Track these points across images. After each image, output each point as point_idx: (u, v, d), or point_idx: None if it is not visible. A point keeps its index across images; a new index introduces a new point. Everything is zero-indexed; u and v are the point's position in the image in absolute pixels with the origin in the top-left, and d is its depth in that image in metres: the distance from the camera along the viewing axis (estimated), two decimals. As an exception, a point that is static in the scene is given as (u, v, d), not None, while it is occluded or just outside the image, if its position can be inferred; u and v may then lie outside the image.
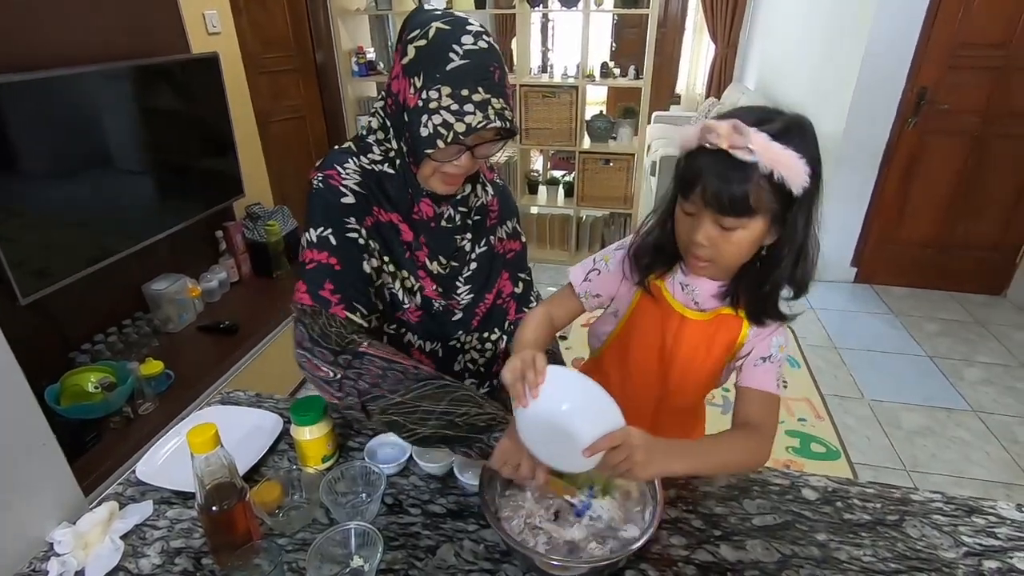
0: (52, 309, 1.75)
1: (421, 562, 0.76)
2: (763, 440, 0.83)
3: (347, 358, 0.79)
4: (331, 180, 0.84)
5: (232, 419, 1.01)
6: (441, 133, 0.76)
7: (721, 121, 0.70)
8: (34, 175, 1.63)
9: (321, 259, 0.82)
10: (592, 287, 0.94)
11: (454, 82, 0.75)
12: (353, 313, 0.83)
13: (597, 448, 0.70)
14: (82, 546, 0.77)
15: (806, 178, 0.69)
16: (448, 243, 0.93)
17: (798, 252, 0.75)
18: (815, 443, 2.18)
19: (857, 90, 2.96)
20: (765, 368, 0.85)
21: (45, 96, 1.62)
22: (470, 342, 1.01)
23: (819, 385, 2.52)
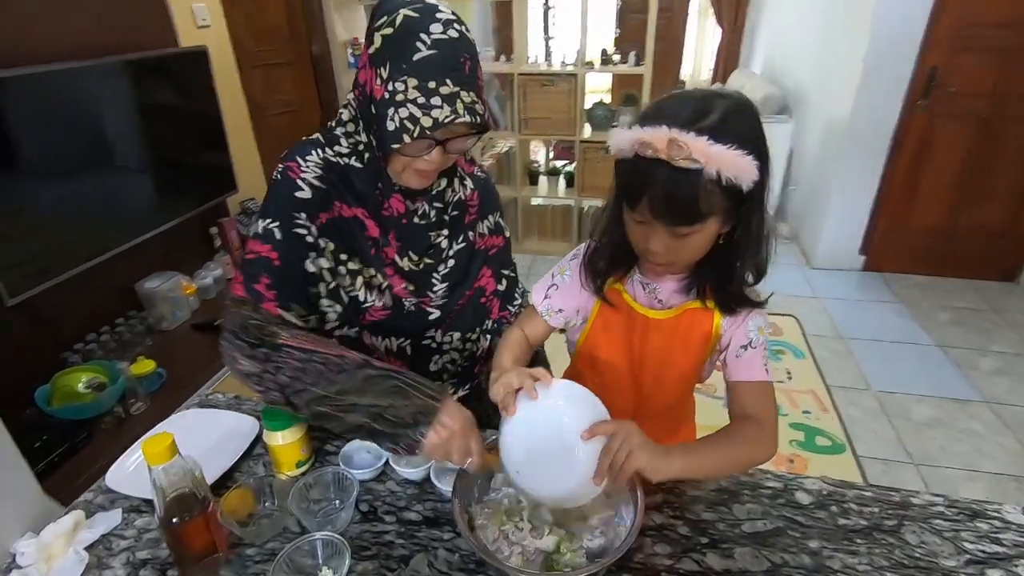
0: (42, 309, 1.74)
1: (393, 573, 0.73)
2: (765, 430, 0.80)
3: (265, 351, 0.75)
4: (289, 172, 0.81)
5: (209, 423, 0.99)
6: (407, 127, 0.73)
7: (656, 132, 0.64)
8: (19, 172, 1.61)
9: (262, 251, 0.79)
10: (553, 303, 0.90)
11: (421, 74, 0.71)
12: (287, 311, 0.80)
13: (597, 432, 0.69)
14: (45, 558, 0.74)
15: (755, 172, 0.65)
16: (421, 240, 0.89)
17: (757, 242, 0.73)
18: (820, 436, 2.13)
19: (864, 71, 2.87)
20: (748, 357, 0.81)
21: (29, 92, 1.59)
22: (449, 342, 0.97)
23: (824, 376, 2.46)
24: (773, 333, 2.75)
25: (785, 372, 2.49)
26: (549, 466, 0.71)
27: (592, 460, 0.69)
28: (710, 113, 0.65)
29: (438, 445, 0.72)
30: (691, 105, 0.66)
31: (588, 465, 0.69)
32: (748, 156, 0.63)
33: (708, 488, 0.84)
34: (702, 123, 0.64)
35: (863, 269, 3.35)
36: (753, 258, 0.75)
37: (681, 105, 0.67)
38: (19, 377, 1.66)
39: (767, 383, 0.81)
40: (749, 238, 0.72)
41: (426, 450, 0.73)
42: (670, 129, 0.63)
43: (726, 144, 0.62)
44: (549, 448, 0.71)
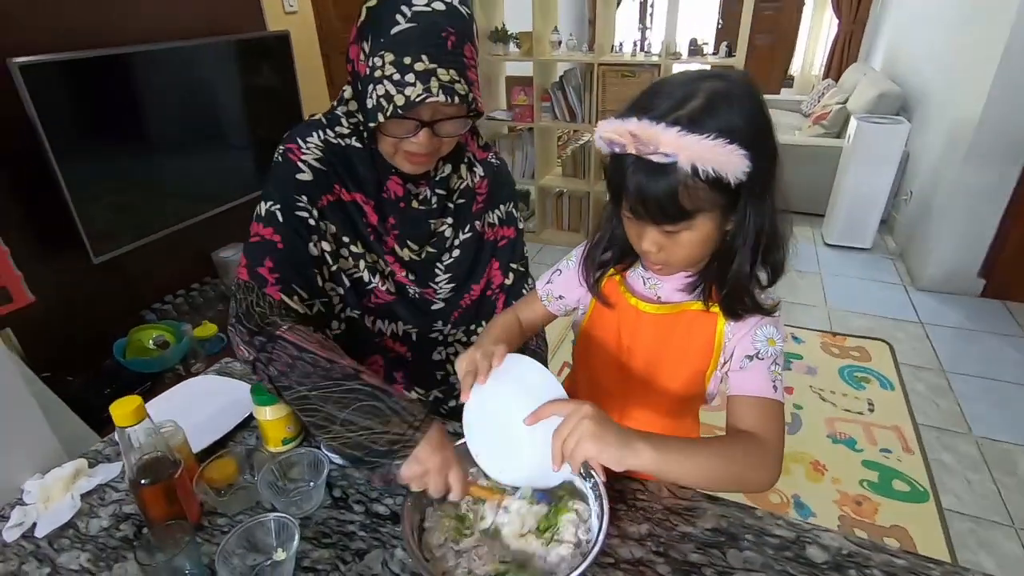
0: (126, 269, 1.91)
1: (346, 565, 0.70)
2: (767, 452, 0.69)
3: (262, 340, 0.73)
4: (290, 154, 0.80)
5: (217, 390, 1.02)
6: (383, 106, 0.69)
7: (618, 124, 0.58)
8: (117, 140, 1.78)
9: (266, 234, 0.78)
10: (554, 288, 0.85)
11: (397, 48, 0.68)
12: (290, 296, 0.78)
13: (541, 415, 0.64)
14: (44, 499, 0.80)
15: (743, 164, 0.56)
16: (420, 226, 0.86)
17: (757, 237, 0.64)
18: (898, 480, 1.88)
19: (1001, 68, 2.47)
20: (753, 368, 0.71)
21: (124, 70, 1.74)
22: (454, 335, 0.93)
23: (914, 413, 2.17)
24: (858, 358, 2.47)
25: (867, 402, 2.22)
26: (503, 451, 0.70)
27: (544, 445, 0.64)
28: (692, 98, 0.57)
29: (414, 479, 0.67)
30: (675, 91, 0.59)
31: (539, 450, 0.65)
32: (731, 145, 0.55)
33: (703, 527, 0.74)
34: (678, 112, 0.57)
35: (981, 295, 2.91)
36: (758, 256, 0.67)
37: (664, 91, 0.60)
38: (104, 329, 1.84)
39: (774, 402, 0.71)
40: (746, 232, 0.64)
41: (404, 480, 0.68)
42: (639, 121, 0.56)
43: (704, 134, 0.54)
44: (500, 433, 0.69)
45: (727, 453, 0.68)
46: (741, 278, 0.67)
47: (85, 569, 0.71)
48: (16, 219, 1.60)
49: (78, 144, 1.65)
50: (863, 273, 3.22)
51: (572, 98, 3.24)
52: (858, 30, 5.08)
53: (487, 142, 0.96)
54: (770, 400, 0.70)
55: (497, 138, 3.61)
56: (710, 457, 0.67)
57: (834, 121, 3.91)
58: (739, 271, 0.67)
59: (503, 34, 3.32)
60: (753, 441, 0.69)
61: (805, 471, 1.91)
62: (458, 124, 0.76)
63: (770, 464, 0.69)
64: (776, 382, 0.71)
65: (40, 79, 1.51)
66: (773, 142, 0.62)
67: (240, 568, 0.68)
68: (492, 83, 3.55)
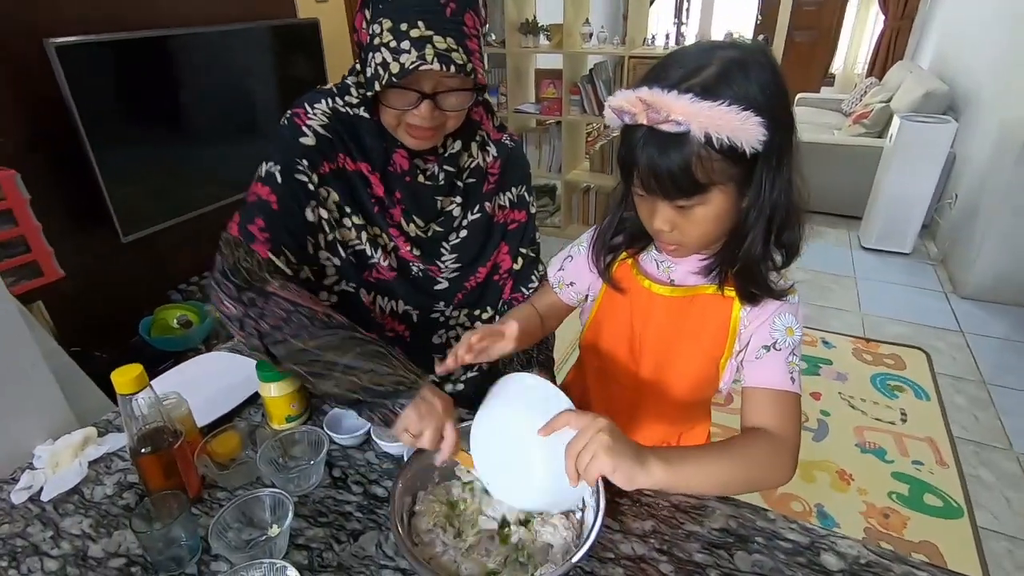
0: (153, 249, 1.96)
1: (340, 545, 0.69)
2: (782, 449, 0.67)
3: (251, 296, 0.72)
4: (296, 118, 0.78)
5: (228, 366, 1.03)
6: (379, 74, 0.68)
7: (629, 93, 0.56)
8: (142, 124, 1.81)
9: (262, 194, 0.77)
10: (566, 275, 0.83)
11: (395, 14, 0.66)
12: (278, 256, 0.76)
13: (555, 426, 0.60)
14: (53, 464, 0.81)
15: (759, 132, 0.53)
16: (426, 202, 0.84)
17: (772, 212, 0.61)
18: (930, 494, 1.79)
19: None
20: (770, 359, 0.69)
21: (157, 53, 1.78)
22: (456, 317, 0.91)
23: (950, 425, 2.06)
24: (892, 366, 2.36)
25: (899, 412, 2.13)
26: (513, 473, 0.66)
27: (556, 462, 0.60)
28: (706, 67, 0.55)
29: (414, 421, 0.66)
30: (688, 60, 0.56)
31: (551, 468, 0.61)
32: (746, 112, 0.52)
33: (712, 526, 0.70)
34: (691, 80, 0.54)
35: (1030, 305, 2.76)
36: (772, 234, 0.64)
37: (676, 62, 0.57)
38: (131, 307, 1.89)
39: (791, 394, 0.68)
40: (761, 207, 0.61)
41: (401, 424, 0.67)
42: (650, 89, 0.54)
43: (718, 101, 0.52)
44: (510, 455, 0.65)
45: (742, 458, 0.66)
46: (754, 255, 0.64)
47: (86, 534, 0.72)
48: (49, 196, 1.65)
49: (110, 124, 1.69)
50: (901, 279, 3.09)
51: (601, 91, 3.19)
52: (905, 27, 4.87)
53: (502, 123, 0.93)
54: (787, 393, 0.68)
55: (524, 131, 3.58)
56: (724, 465, 0.65)
57: (876, 120, 3.76)
58: (751, 247, 0.64)
59: (533, 26, 3.28)
60: (768, 440, 0.67)
61: (830, 480, 1.84)
62: (462, 97, 0.74)
63: (787, 461, 0.66)
64: (794, 373, 0.68)
65: (75, 60, 1.55)
66: (790, 112, 0.59)
67: (235, 542, 0.67)
68: (521, 76, 3.52)
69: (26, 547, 0.70)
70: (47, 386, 0.87)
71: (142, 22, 1.79)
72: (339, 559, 0.68)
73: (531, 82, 3.60)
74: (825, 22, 5.75)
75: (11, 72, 1.55)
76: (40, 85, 1.54)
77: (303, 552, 0.69)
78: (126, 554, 0.69)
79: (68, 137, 1.58)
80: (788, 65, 3.50)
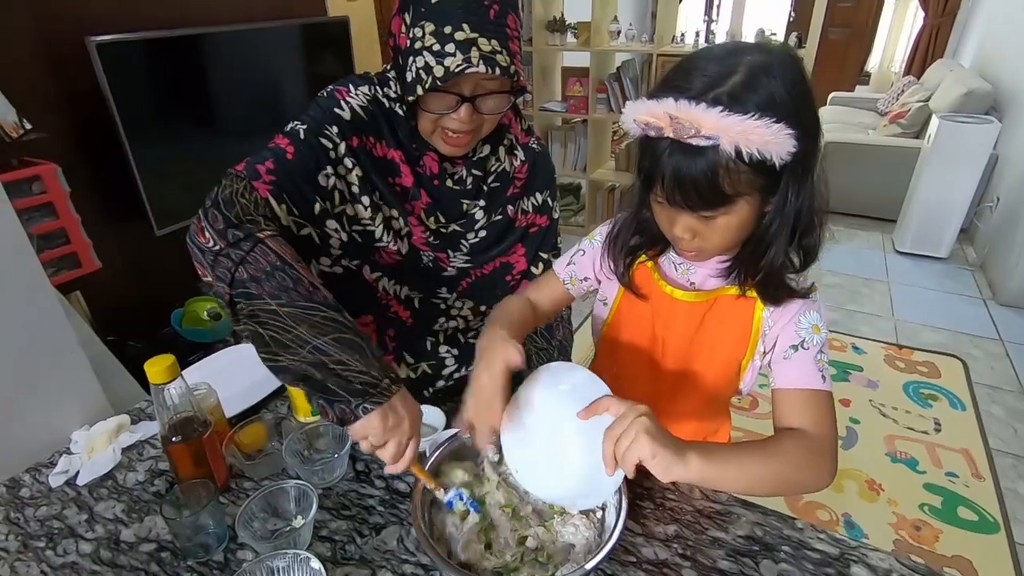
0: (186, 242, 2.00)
1: (363, 539, 0.70)
2: (820, 450, 0.64)
3: (237, 235, 0.64)
4: (336, 93, 0.78)
5: (255, 358, 1.04)
6: (421, 78, 0.67)
7: (657, 107, 0.54)
8: (177, 120, 1.86)
9: (281, 144, 0.74)
10: (577, 270, 0.82)
11: (437, 17, 0.66)
12: (278, 203, 0.72)
13: (595, 410, 0.60)
14: (89, 449, 0.83)
15: (790, 143, 0.52)
16: (452, 205, 0.84)
17: (795, 219, 0.60)
18: (965, 508, 1.73)
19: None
20: (799, 359, 0.67)
21: (192, 51, 1.82)
22: (459, 308, 0.90)
23: (987, 436, 1.99)
24: (927, 374, 2.29)
25: (933, 422, 2.06)
26: (545, 464, 0.65)
27: (591, 452, 0.59)
28: (730, 76, 0.53)
29: (378, 431, 0.61)
30: (710, 67, 0.55)
31: (587, 458, 0.61)
32: (777, 124, 0.51)
33: (737, 533, 0.69)
34: (718, 89, 0.53)
35: (1074, 314, 2.65)
36: (793, 239, 0.63)
37: (699, 68, 0.55)
38: (164, 298, 1.94)
39: (823, 392, 0.66)
40: (786, 216, 0.60)
41: (362, 430, 0.61)
42: (676, 102, 0.52)
43: (746, 113, 0.51)
44: (542, 445, 0.64)
45: (779, 455, 0.63)
46: (777, 262, 0.63)
47: (119, 519, 0.74)
48: (87, 190, 1.70)
49: (146, 120, 1.73)
50: (937, 284, 2.99)
51: (629, 89, 3.16)
52: (946, 24, 4.71)
53: (530, 125, 0.93)
54: (819, 391, 0.66)
55: (550, 129, 3.56)
56: (761, 462, 0.63)
57: (913, 120, 3.64)
58: (775, 255, 0.63)
59: (561, 24, 3.27)
60: (804, 439, 0.64)
61: (859, 489, 1.79)
62: (500, 100, 0.73)
63: (825, 461, 0.64)
64: (823, 371, 0.66)
65: (115, 57, 1.59)
66: (816, 118, 0.58)
67: (260, 531, 0.68)
68: (547, 74, 3.50)
69: (63, 529, 0.72)
70: (84, 374, 0.89)
71: (177, 21, 1.83)
72: (361, 552, 0.68)
73: (557, 80, 3.58)
74: (860, 19, 5.60)
75: (54, 69, 1.60)
76: (81, 82, 1.59)
77: (326, 544, 0.69)
78: (156, 539, 0.71)
79: (106, 132, 1.63)
80: (821, 63, 3.40)
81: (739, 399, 2.17)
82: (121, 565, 0.67)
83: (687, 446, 0.58)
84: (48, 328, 0.85)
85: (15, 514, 0.74)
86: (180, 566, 0.67)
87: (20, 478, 0.80)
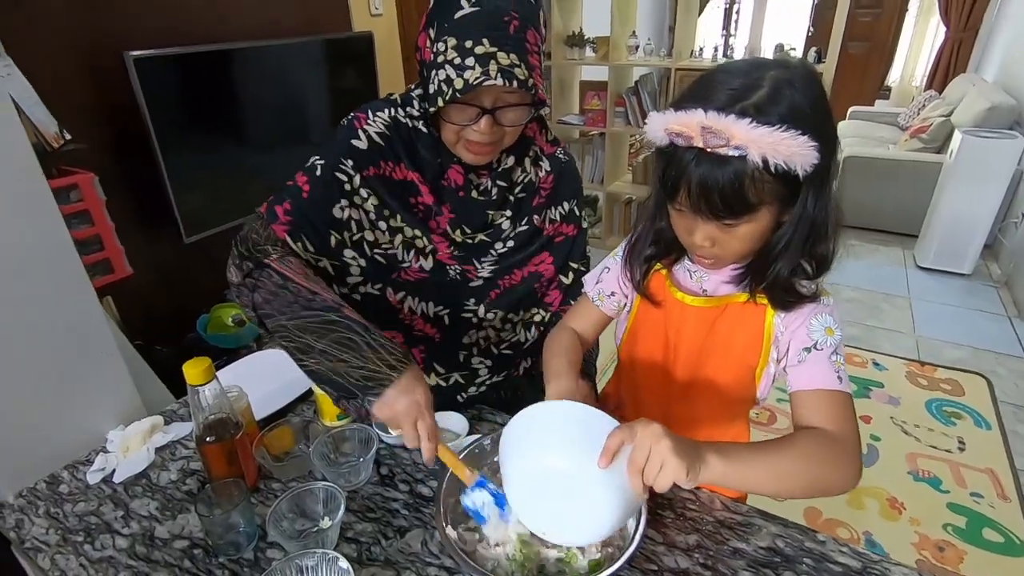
0: (212, 250, 2.05)
1: (387, 541, 0.72)
2: (842, 447, 0.63)
3: (249, 265, 0.74)
4: (355, 121, 0.82)
5: (282, 363, 1.06)
6: (443, 90, 0.70)
7: (688, 117, 0.55)
8: (207, 132, 1.92)
9: (300, 182, 0.81)
10: (605, 287, 0.84)
11: (459, 32, 0.69)
12: (295, 241, 0.79)
13: (611, 449, 0.55)
14: (124, 448, 0.86)
15: (814, 155, 0.54)
16: (477, 215, 0.86)
17: (810, 229, 0.62)
18: (990, 529, 1.69)
19: None
20: (813, 361, 0.67)
21: (224, 65, 1.88)
22: (489, 319, 0.92)
23: (1013, 456, 1.95)
24: (950, 392, 2.26)
25: (956, 440, 2.03)
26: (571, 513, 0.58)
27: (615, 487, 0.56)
28: (756, 89, 0.55)
29: (390, 417, 0.66)
30: (735, 80, 0.57)
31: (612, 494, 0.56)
32: (803, 137, 0.53)
33: (758, 544, 0.69)
34: (745, 102, 0.54)
35: (1104, 333, 2.59)
36: (807, 247, 0.64)
37: (723, 82, 0.58)
38: (189, 304, 1.98)
39: (841, 393, 0.66)
40: (802, 225, 0.62)
41: (380, 418, 0.67)
42: (706, 113, 0.54)
43: (773, 125, 0.53)
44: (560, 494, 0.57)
45: (800, 452, 0.62)
46: (787, 270, 0.65)
47: (153, 516, 0.76)
48: (121, 198, 1.75)
49: (178, 132, 1.79)
50: (960, 300, 2.95)
51: (647, 103, 3.18)
52: (968, 38, 4.67)
53: (555, 137, 0.95)
54: (837, 392, 0.66)
55: (567, 142, 3.60)
56: (782, 459, 0.61)
57: (935, 134, 3.61)
58: (786, 263, 0.64)
59: (580, 39, 3.31)
60: (826, 437, 0.63)
61: (880, 507, 1.77)
62: (520, 113, 0.76)
63: (851, 461, 0.63)
64: (840, 372, 0.66)
65: (151, 71, 1.65)
66: (835, 130, 0.60)
67: (289, 531, 0.70)
68: (566, 87, 3.54)
69: (99, 525, 0.75)
70: (121, 375, 0.93)
71: (209, 37, 1.90)
72: (386, 554, 0.70)
73: (576, 94, 3.62)
74: (880, 33, 5.57)
75: (93, 82, 1.67)
76: (118, 95, 1.65)
77: (352, 545, 0.71)
78: (189, 536, 0.73)
79: (140, 143, 1.69)
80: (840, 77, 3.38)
81: (756, 413, 2.16)
82: (156, 561, 0.69)
83: (704, 447, 0.58)
84: (89, 330, 0.88)
85: (55, 509, 0.77)
86: (212, 563, 0.69)
87: (59, 475, 0.83)
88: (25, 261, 0.80)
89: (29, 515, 0.76)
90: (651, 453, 0.55)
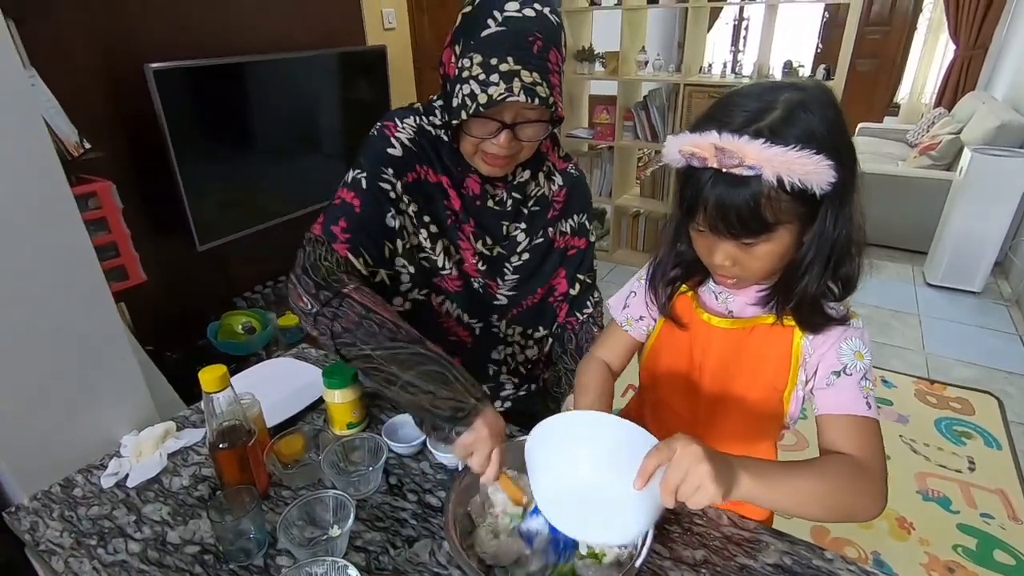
0: (224, 258, 2.08)
1: (396, 550, 0.72)
2: (869, 475, 0.63)
3: (327, 295, 0.75)
4: (385, 130, 0.83)
5: (293, 371, 1.08)
6: (467, 104, 0.72)
7: (701, 138, 0.57)
8: (222, 142, 1.95)
9: (347, 198, 0.81)
10: (632, 311, 0.84)
11: (485, 50, 0.71)
12: (356, 257, 0.80)
13: (647, 470, 0.55)
14: (137, 453, 0.88)
15: (830, 173, 0.55)
16: (493, 225, 0.88)
17: (831, 249, 0.62)
18: (1001, 551, 1.67)
19: None
20: (842, 386, 0.67)
21: (240, 78, 1.92)
22: (512, 335, 0.94)
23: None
24: (960, 411, 2.24)
25: (967, 460, 2.01)
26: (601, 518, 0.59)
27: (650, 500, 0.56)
28: (770, 111, 0.56)
29: (466, 446, 0.69)
30: (750, 103, 0.58)
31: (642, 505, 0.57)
32: (817, 156, 0.54)
33: (766, 561, 0.69)
34: (759, 123, 0.56)
35: (1117, 354, 2.56)
36: (830, 268, 0.64)
37: (738, 104, 0.59)
38: (201, 311, 2.01)
39: (869, 419, 0.66)
40: (823, 244, 0.62)
41: (458, 445, 0.70)
42: (720, 134, 0.55)
43: (788, 145, 0.53)
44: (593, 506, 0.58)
45: (828, 476, 0.62)
46: (811, 290, 0.65)
47: (165, 521, 0.77)
48: (136, 206, 1.79)
49: (194, 142, 1.82)
50: (970, 318, 2.93)
51: (655, 118, 3.21)
52: (978, 56, 4.68)
53: (567, 153, 0.97)
54: (864, 418, 0.66)
55: (576, 156, 3.62)
56: (810, 481, 0.61)
57: (944, 152, 3.61)
58: (809, 284, 0.64)
59: (589, 53, 3.35)
60: (853, 463, 0.63)
61: (888, 527, 1.75)
62: (538, 129, 0.78)
63: (876, 489, 0.63)
64: (869, 399, 0.66)
65: (169, 83, 1.69)
66: (853, 149, 0.60)
67: (298, 538, 0.71)
68: (575, 101, 3.58)
69: (112, 529, 0.76)
70: (135, 380, 0.94)
71: (227, 49, 1.94)
72: (395, 563, 0.70)
73: (585, 107, 3.65)
74: (889, 50, 5.60)
75: (114, 93, 1.71)
76: (137, 105, 1.69)
77: (361, 554, 0.72)
78: (200, 542, 0.74)
79: (158, 152, 1.72)
80: (849, 94, 3.41)
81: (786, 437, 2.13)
82: (167, 565, 0.70)
83: (735, 463, 0.57)
84: (106, 335, 0.90)
85: (68, 512, 0.79)
86: (222, 569, 0.70)
87: (74, 478, 0.84)
88: (48, 267, 0.82)
89: (44, 518, 0.78)
90: (688, 475, 0.53)
